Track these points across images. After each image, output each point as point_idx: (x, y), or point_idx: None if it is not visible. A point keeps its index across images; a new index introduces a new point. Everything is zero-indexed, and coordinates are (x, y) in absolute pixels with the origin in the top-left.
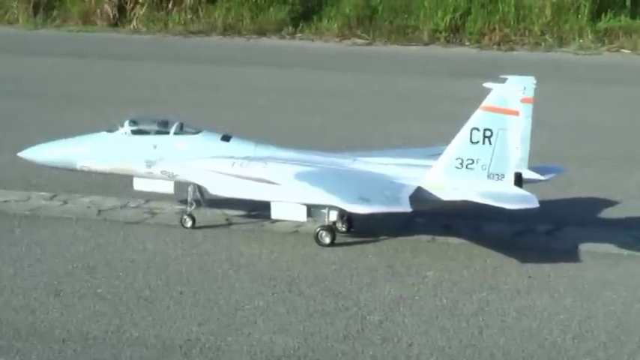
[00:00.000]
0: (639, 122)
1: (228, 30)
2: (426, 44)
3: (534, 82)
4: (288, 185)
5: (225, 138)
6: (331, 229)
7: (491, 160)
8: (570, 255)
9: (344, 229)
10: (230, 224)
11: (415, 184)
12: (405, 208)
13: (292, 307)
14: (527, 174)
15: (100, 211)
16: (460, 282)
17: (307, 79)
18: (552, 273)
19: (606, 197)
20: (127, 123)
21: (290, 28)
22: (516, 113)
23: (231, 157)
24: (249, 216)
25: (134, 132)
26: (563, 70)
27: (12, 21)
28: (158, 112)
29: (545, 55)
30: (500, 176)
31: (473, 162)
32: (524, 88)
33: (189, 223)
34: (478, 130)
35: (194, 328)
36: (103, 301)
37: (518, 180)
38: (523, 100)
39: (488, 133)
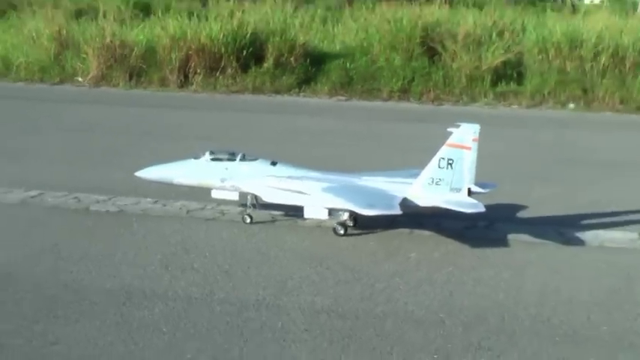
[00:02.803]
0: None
1: (256, 90)
2: (385, 100)
3: (479, 127)
4: (318, 195)
5: (273, 163)
6: (344, 224)
7: (452, 179)
8: (503, 242)
9: (351, 225)
10: (275, 221)
11: (402, 195)
12: (397, 211)
13: (323, 277)
14: (474, 188)
15: (188, 211)
16: (433, 260)
17: (309, 122)
18: (492, 255)
19: (518, 203)
20: (207, 153)
21: (296, 89)
22: (469, 148)
23: (278, 176)
24: (286, 215)
25: (212, 159)
26: (475, 118)
27: (115, 85)
28: (217, 145)
29: (463, 108)
30: (458, 190)
31: (440, 180)
32: (474, 131)
33: (248, 220)
34: (444, 159)
35: (260, 292)
36: (197, 273)
37: (469, 192)
38: (473, 140)
39: (450, 161)
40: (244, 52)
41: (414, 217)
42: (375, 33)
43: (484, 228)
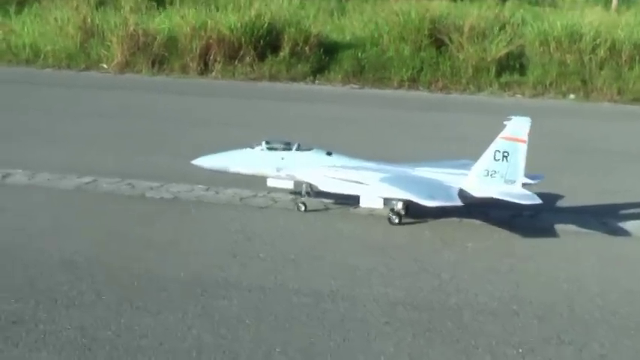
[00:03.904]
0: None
1: (273, 78)
2: (396, 89)
3: (530, 121)
4: (377, 185)
5: (329, 153)
6: (399, 213)
7: (507, 171)
8: (552, 232)
9: (404, 213)
10: (327, 209)
11: (458, 186)
12: (458, 202)
13: (389, 267)
14: (524, 180)
15: (241, 198)
16: (490, 250)
17: (323, 110)
18: (545, 245)
19: (553, 192)
20: (263, 142)
21: (311, 77)
22: (524, 141)
23: (335, 166)
24: (338, 203)
25: (269, 148)
26: (482, 107)
27: (138, 71)
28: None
29: (470, 97)
30: (513, 182)
31: (495, 172)
32: (527, 124)
33: (302, 208)
34: (499, 151)
35: (332, 282)
36: (265, 262)
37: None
38: (527, 133)
39: (506, 154)
40: (261, 42)
41: (464, 206)
42: (385, 25)
43: (529, 217)
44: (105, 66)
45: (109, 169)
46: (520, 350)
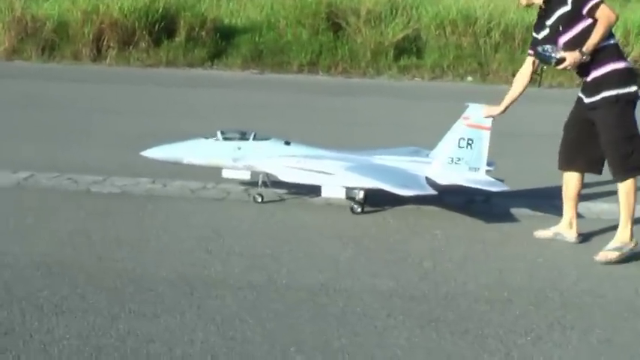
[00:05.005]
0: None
1: (170, 64)
2: (296, 74)
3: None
4: (343, 175)
5: (287, 143)
6: (361, 203)
7: (471, 158)
8: (511, 217)
9: (364, 202)
10: (283, 199)
11: (423, 174)
12: (432, 191)
13: (369, 258)
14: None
15: (192, 191)
16: (459, 238)
17: (225, 95)
18: (511, 230)
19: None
20: (218, 132)
21: (209, 62)
22: (489, 129)
23: (296, 156)
24: (293, 193)
25: (224, 138)
26: (383, 90)
27: (27, 58)
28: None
29: (370, 81)
30: (477, 169)
31: (460, 160)
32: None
33: (259, 199)
34: (464, 139)
35: (319, 275)
36: (243, 257)
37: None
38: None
39: (470, 141)
40: (156, 27)
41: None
42: (281, 9)
43: (483, 203)
44: None
45: (43, 164)
46: (528, 338)
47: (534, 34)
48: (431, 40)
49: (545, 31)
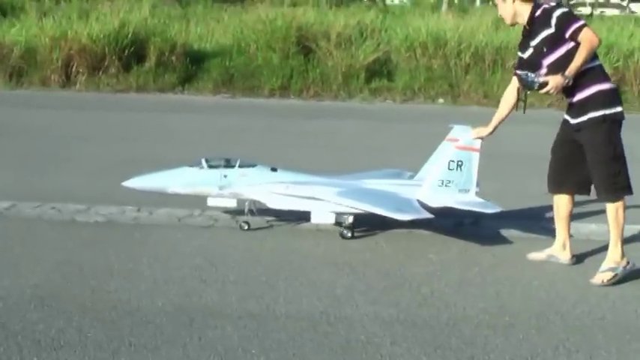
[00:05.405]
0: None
1: (140, 89)
2: (267, 98)
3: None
4: (335, 200)
5: (274, 169)
6: (351, 228)
7: (461, 180)
8: (503, 239)
9: (353, 227)
10: (271, 226)
11: (414, 197)
12: (428, 215)
13: (367, 284)
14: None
15: (179, 219)
16: (454, 261)
17: (197, 120)
18: (504, 252)
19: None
20: (203, 160)
21: (179, 87)
22: (478, 150)
23: (282, 182)
24: (280, 220)
25: (209, 166)
26: (354, 113)
27: None
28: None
29: (342, 104)
30: (467, 191)
31: (450, 182)
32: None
33: (245, 227)
34: (454, 161)
35: (317, 303)
36: (239, 285)
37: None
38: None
39: (460, 163)
40: (126, 52)
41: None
42: (251, 33)
43: (472, 225)
44: None
45: (22, 193)
46: None
47: (519, 54)
48: (402, 62)
49: (530, 51)
